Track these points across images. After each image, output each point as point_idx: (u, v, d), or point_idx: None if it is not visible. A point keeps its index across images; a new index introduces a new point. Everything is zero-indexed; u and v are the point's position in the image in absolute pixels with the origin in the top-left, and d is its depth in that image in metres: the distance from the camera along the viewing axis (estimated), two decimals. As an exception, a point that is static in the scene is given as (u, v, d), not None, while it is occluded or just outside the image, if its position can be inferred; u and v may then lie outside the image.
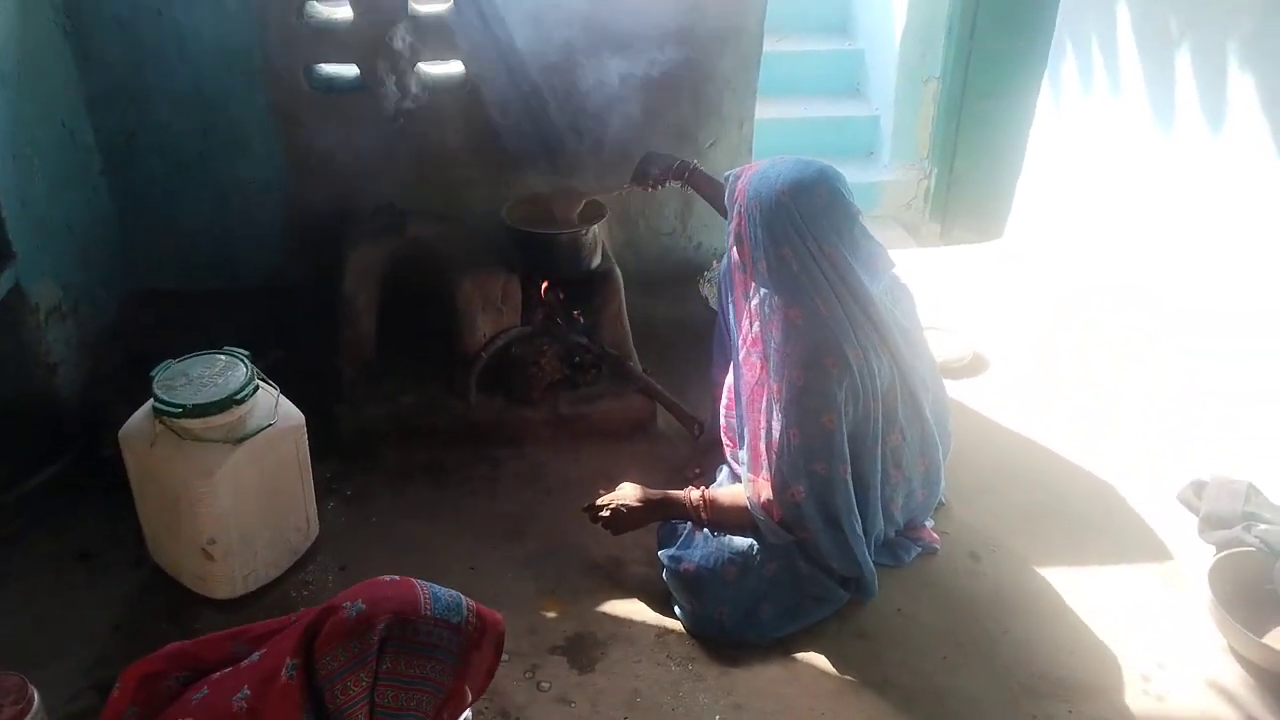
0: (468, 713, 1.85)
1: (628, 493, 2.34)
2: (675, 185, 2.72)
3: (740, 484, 2.32)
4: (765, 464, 2.20)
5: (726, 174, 2.34)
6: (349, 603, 1.29)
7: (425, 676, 1.30)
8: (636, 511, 2.31)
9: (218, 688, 1.30)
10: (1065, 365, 3.21)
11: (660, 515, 2.34)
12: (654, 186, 2.74)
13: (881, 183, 4.52)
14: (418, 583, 1.38)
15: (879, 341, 2.17)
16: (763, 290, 2.18)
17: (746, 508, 2.25)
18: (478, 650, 1.37)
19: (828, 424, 2.11)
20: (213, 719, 1.26)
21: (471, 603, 1.40)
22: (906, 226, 4.28)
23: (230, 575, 2.19)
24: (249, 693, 1.25)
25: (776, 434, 2.15)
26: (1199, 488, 2.62)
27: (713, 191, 2.63)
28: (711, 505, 2.29)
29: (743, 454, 2.31)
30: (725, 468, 2.52)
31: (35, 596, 2.22)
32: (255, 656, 1.33)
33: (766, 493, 2.20)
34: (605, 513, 2.32)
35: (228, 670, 1.34)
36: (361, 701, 1.24)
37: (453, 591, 1.39)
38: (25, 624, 2.15)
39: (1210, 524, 2.51)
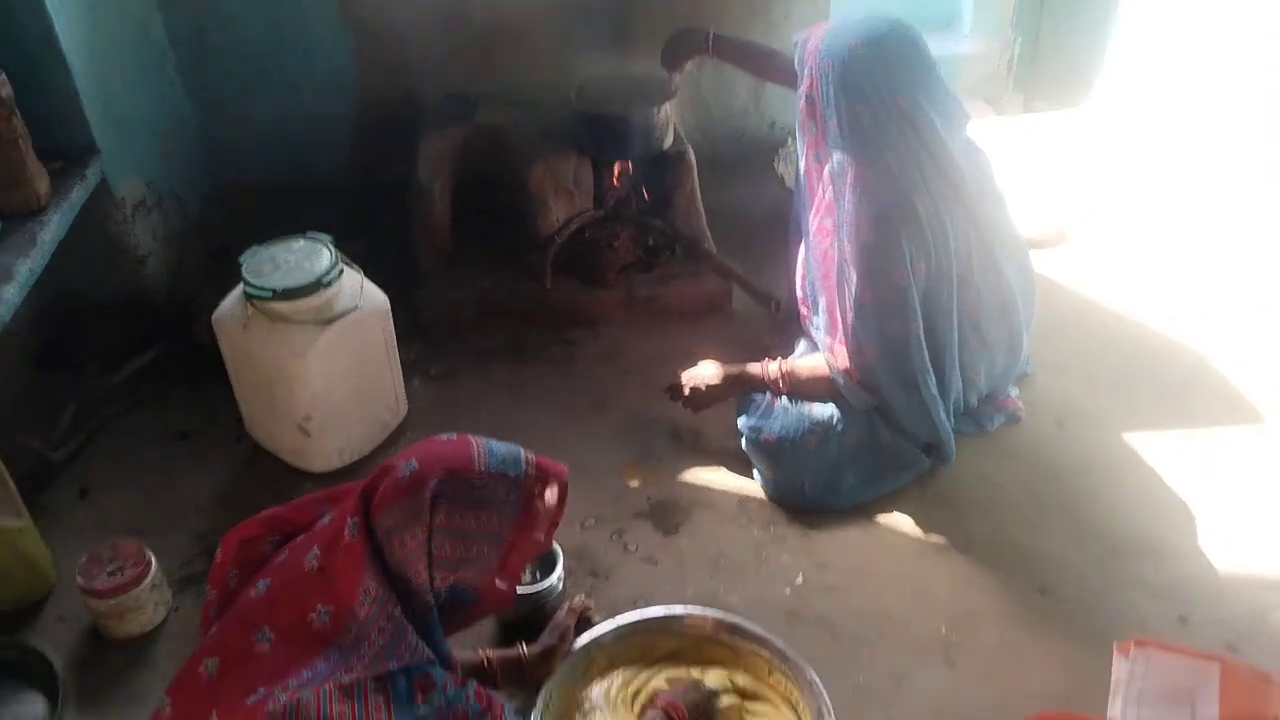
0: (559, 570, 1.93)
1: (707, 370, 2.34)
2: (708, 59, 2.64)
3: (818, 353, 2.31)
4: (841, 328, 2.19)
5: (795, 37, 2.27)
6: (403, 462, 1.30)
7: (482, 529, 1.31)
8: (716, 388, 2.33)
9: (295, 550, 1.34)
10: (1155, 234, 3.10)
11: (740, 389, 2.35)
12: (687, 70, 2.69)
13: (961, 55, 4.30)
14: (474, 439, 1.38)
15: (953, 197, 2.12)
16: (835, 153, 2.13)
17: (826, 376, 2.24)
18: (539, 500, 1.37)
19: (899, 281, 2.08)
20: (289, 578, 1.30)
21: (531, 455, 1.39)
22: (988, 99, 4.11)
23: (326, 450, 2.27)
24: (318, 552, 1.28)
25: (850, 297, 2.13)
26: (1297, 352, 2.54)
27: (741, 54, 2.55)
28: (790, 376, 2.29)
29: (819, 319, 2.29)
30: (803, 340, 2.50)
31: (144, 473, 2.33)
32: (326, 519, 1.36)
33: (844, 356, 2.19)
34: (685, 391, 2.34)
35: (306, 534, 1.38)
36: (419, 555, 1.26)
37: (512, 445, 1.39)
38: (137, 498, 2.27)
39: (1308, 388, 2.44)
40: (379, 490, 1.29)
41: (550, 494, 1.40)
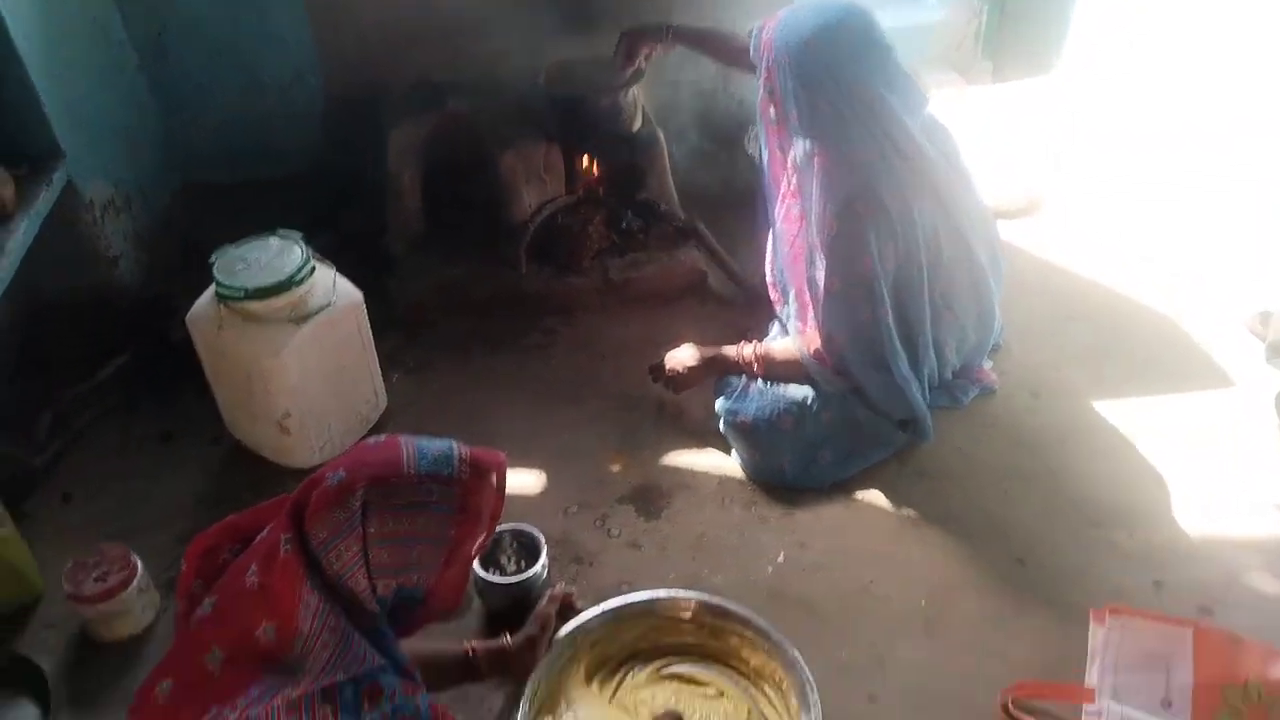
0: (543, 558, 1.94)
1: (684, 353, 2.37)
2: (667, 51, 2.62)
3: (791, 337, 2.33)
4: (811, 314, 2.21)
5: (750, 28, 2.26)
6: (331, 472, 1.28)
7: (419, 532, 1.29)
8: (694, 370, 2.36)
9: (237, 567, 1.32)
10: (1125, 201, 3.12)
11: (716, 371, 2.37)
12: (645, 61, 2.64)
13: (930, 24, 4.31)
14: (403, 440, 1.34)
15: (918, 182, 2.12)
16: (799, 142, 2.13)
17: (799, 359, 2.26)
18: (477, 495, 1.35)
19: (865, 270, 2.09)
20: (232, 595, 1.28)
21: (464, 450, 1.36)
22: (958, 68, 4.11)
23: (307, 446, 2.28)
24: (256, 569, 1.27)
25: (819, 285, 2.15)
26: (1266, 317, 2.57)
27: (703, 41, 2.52)
28: (765, 359, 2.31)
29: (789, 306, 2.31)
30: (777, 323, 2.52)
31: (126, 477, 2.32)
32: (264, 533, 1.34)
33: (815, 342, 2.22)
34: (667, 370, 2.37)
35: (247, 549, 1.36)
36: (356, 565, 1.25)
37: (442, 442, 1.35)
38: (120, 502, 2.26)
39: (1276, 351, 2.47)
40: (309, 503, 1.27)
41: (488, 487, 1.37)
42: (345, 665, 1.22)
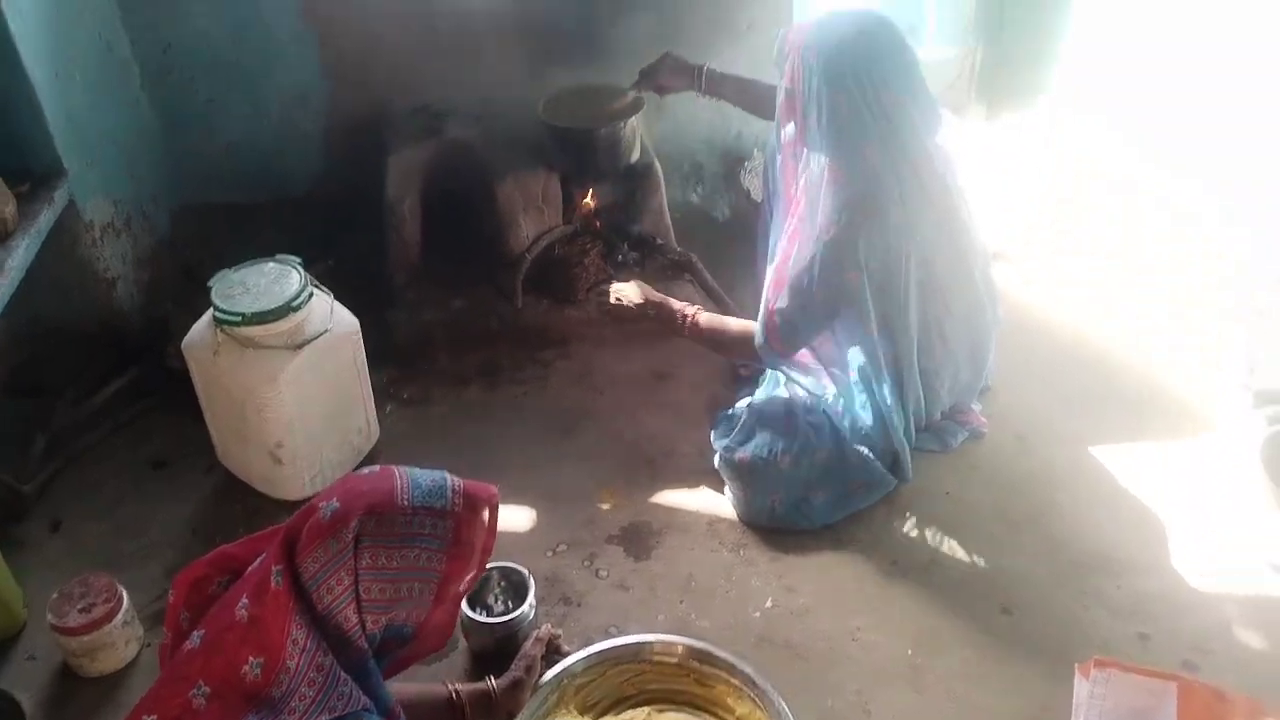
0: (531, 598, 1.95)
1: (630, 290, 2.47)
2: (696, 95, 2.67)
3: (749, 323, 2.35)
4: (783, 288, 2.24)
5: (777, 31, 2.28)
6: (324, 503, 1.28)
7: (410, 567, 1.28)
8: (638, 308, 2.46)
9: (227, 600, 1.32)
10: (1113, 245, 3.14)
11: (656, 317, 2.45)
12: (662, 91, 2.71)
13: (923, 62, 4.34)
14: (397, 471, 1.34)
15: (925, 201, 2.14)
16: (813, 156, 2.15)
17: (741, 332, 2.33)
18: (469, 528, 1.34)
19: (852, 280, 2.11)
20: (221, 629, 1.27)
21: (458, 482, 1.36)
22: (951, 107, 4.13)
23: (298, 477, 2.28)
24: (247, 601, 1.26)
25: (804, 281, 2.17)
26: (1252, 364, 2.59)
27: (733, 89, 2.59)
28: (696, 323, 2.39)
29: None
30: (771, 373, 2.52)
31: (117, 504, 2.32)
32: (256, 564, 1.33)
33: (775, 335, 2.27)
34: (612, 300, 2.47)
35: (238, 581, 1.35)
36: (347, 600, 1.24)
37: (436, 474, 1.36)
38: (110, 530, 2.26)
39: (1263, 400, 2.49)
40: (301, 534, 1.27)
41: (480, 521, 1.37)
42: (330, 705, 1.22)
